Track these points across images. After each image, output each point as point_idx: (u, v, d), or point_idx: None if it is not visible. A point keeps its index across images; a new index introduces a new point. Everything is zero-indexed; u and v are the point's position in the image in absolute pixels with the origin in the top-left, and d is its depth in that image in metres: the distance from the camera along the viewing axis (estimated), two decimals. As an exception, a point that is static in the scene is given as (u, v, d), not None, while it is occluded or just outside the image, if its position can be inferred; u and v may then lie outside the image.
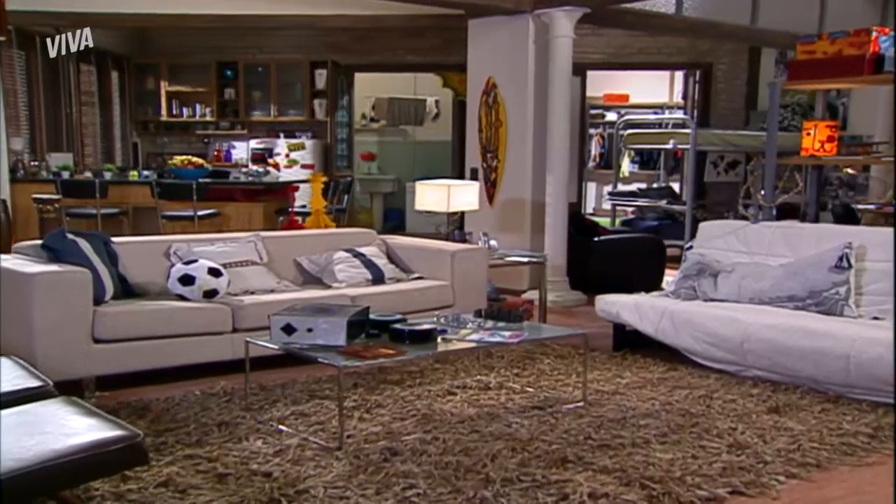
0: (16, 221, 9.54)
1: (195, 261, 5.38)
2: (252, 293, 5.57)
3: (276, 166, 11.28)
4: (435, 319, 4.90)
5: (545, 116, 8.01)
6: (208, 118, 12.95)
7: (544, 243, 7.99)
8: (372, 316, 4.68)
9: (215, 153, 12.77)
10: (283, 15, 9.05)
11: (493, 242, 6.84)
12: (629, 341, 6.00)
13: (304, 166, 12.42)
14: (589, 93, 13.23)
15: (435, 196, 6.76)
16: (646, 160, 14.10)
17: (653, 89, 14.58)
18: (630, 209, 12.70)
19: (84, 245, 5.17)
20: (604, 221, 12.57)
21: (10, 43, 10.24)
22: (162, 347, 4.95)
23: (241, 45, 12.76)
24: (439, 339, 4.51)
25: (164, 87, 12.91)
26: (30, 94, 10.74)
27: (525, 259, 6.96)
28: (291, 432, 4.19)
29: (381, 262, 6.21)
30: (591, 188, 14.62)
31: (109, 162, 12.17)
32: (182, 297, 5.26)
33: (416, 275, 6.26)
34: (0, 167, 9.46)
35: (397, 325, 4.47)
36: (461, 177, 8.99)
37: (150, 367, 4.97)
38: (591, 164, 14.18)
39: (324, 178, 8.98)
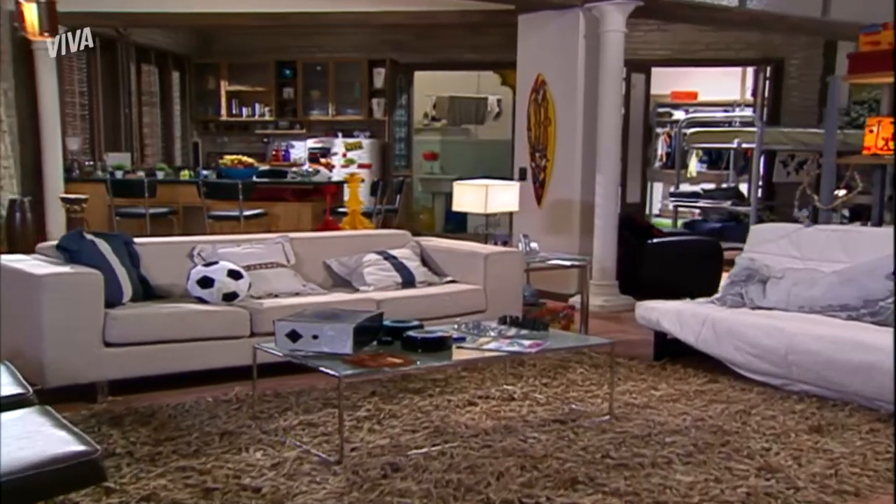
0: (70, 220, 9.59)
1: (215, 263, 5.26)
2: (275, 296, 5.42)
3: (329, 166, 11.19)
4: (456, 326, 4.68)
5: (596, 114, 7.71)
6: (267, 118, 12.95)
7: (593, 246, 7.71)
8: (387, 322, 4.49)
9: (273, 153, 12.74)
10: (335, 12, 8.91)
11: (533, 245, 6.58)
12: (670, 350, 5.70)
13: (361, 166, 12.31)
14: (655, 90, 12.86)
15: (472, 196, 6.54)
16: (714, 160, 13.64)
17: (723, 86, 14.09)
18: (697, 210, 12.30)
19: (103, 246, 5.08)
20: (666, 223, 12.20)
21: (68, 44, 10.31)
22: (176, 352, 4.83)
23: (301, 45, 12.72)
24: (454, 348, 4.29)
25: (224, 86, 12.95)
26: (90, 94, 10.84)
27: (567, 262, 6.67)
28: (295, 444, 4.02)
29: (413, 264, 6.01)
30: (658, 188, 14.22)
31: (169, 162, 12.24)
32: (202, 300, 5.14)
33: (449, 278, 6.05)
34: (56, 166, 9.55)
35: (410, 333, 4.26)
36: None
37: (163, 372, 4.84)
38: (657, 163, 13.79)
39: (362, 179, 8.80)
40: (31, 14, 7.56)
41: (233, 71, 12.98)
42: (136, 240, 5.46)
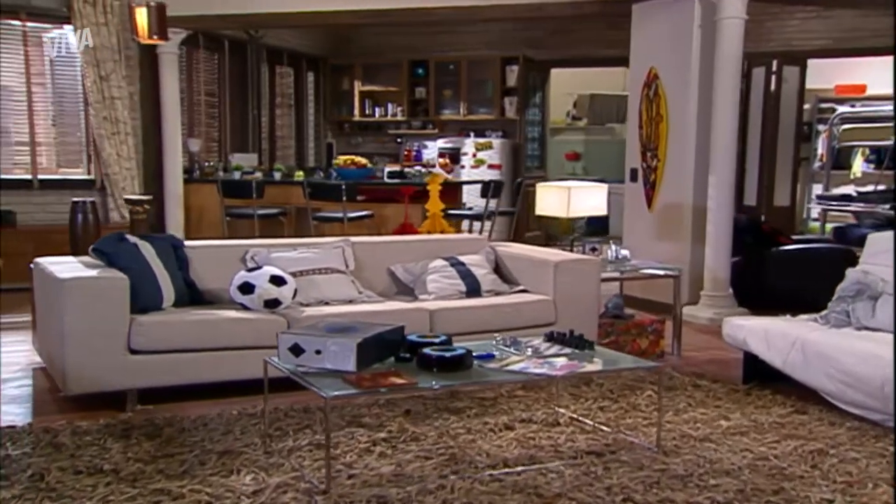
0: (188, 221, 9.75)
1: (259, 267, 5.04)
2: (326, 303, 5.16)
3: (446, 166, 10.90)
4: (495, 342, 4.27)
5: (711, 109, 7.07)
6: (399, 117, 12.80)
7: (705, 253, 7.08)
8: (411, 337, 4.12)
9: (405, 153, 12.57)
10: (441, 7, 8.57)
11: (624, 252, 6.04)
12: (762, 373, 5.05)
13: (490, 166, 11.97)
14: (818, 84, 11.88)
15: (555, 199, 6.07)
16: (883, 159, 12.47)
17: (899, 78, 12.82)
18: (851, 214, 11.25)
19: (146, 249, 4.95)
20: (816, 228, 11.25)
21: (197, 46, 10.50)
22: (206, 361, 4.62)
23: (434, 43, 12.48)
24: (476, 367, 3.89)
25: (358, 87, 12.89)
26: (218, 96, 10.98)
27: (661, 272, 6.09)
28: (294, 466, 3.72)
29: (482, 272, 5.61)
30: (818, 191, 13.13)
31: (302, 163, 12.29)
32: (244, 307, 4.94)
33: (520, 288, 5.61)
34: (176, 167, 9.70)
35: (426, 350, 3.88)
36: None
37: (192, 382, 4.65)
38: (816, 164, 12.74)
39: (442, 179, 8.44)
40: (142, 18, 7.62)
41: (366, 71, 12.91)
42: (188, 243, 5.32)
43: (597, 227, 13.35)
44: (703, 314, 6.92)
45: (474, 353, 4.03)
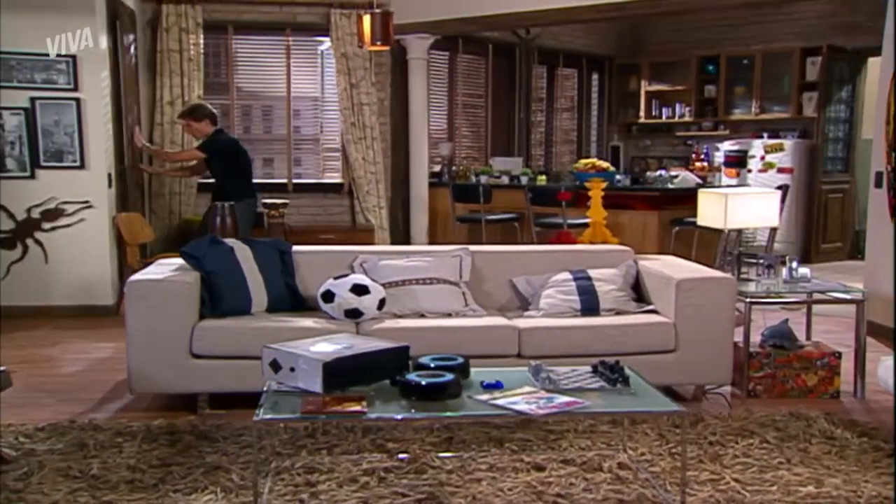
0: (433, 225, 9.78)
1: (345, 276, 4.84)
2: (422, 316, 4.83)
3: (702, 170, 9.88)
4: (528, 369, 3.72)
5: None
6: (687, 118, 11.93)
7: (949, 274, 5.76)
8: (424, 359, 3.68)
9: (693, 156, 11.66)
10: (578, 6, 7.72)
11: (803, 270, 5.06)
12: (924, 430, 3.97)
13: (780, 170, 10.73)
14: None
15: (712, 208, 5.21)
16: None
17: None
18: None
19: (242, 253, 4.93)
20: None
21: (456, 50, 10.52)
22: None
23: (729, 37, 11.50)
24: (466, 397, 3.39)
25: (644, 86, 12.21)
26: (483, 99, 10.92)
27: (845, 294, 5.00)
28: (257, 490, 3.47)
29: (607, 288, 4.94)
30: None
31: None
32: (330, 315, 4.77)
33: (649, 308, 4.88)
34: (422, 171, 9.77)
35: (408, 376, 3.45)
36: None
37: (254, 390, 4.53)
38: None
39: (604, 185, 7.55)
40: (367, 25, 7.75)
41: (654, 70, 12.19)
42: (297, 248, 5.23)
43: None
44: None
45: (484, 382, 3.55)
